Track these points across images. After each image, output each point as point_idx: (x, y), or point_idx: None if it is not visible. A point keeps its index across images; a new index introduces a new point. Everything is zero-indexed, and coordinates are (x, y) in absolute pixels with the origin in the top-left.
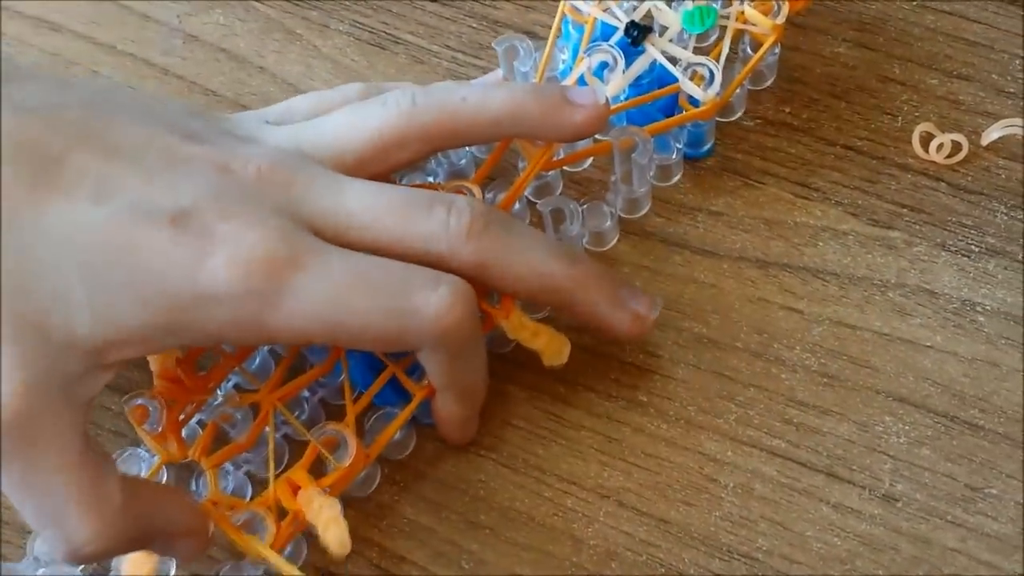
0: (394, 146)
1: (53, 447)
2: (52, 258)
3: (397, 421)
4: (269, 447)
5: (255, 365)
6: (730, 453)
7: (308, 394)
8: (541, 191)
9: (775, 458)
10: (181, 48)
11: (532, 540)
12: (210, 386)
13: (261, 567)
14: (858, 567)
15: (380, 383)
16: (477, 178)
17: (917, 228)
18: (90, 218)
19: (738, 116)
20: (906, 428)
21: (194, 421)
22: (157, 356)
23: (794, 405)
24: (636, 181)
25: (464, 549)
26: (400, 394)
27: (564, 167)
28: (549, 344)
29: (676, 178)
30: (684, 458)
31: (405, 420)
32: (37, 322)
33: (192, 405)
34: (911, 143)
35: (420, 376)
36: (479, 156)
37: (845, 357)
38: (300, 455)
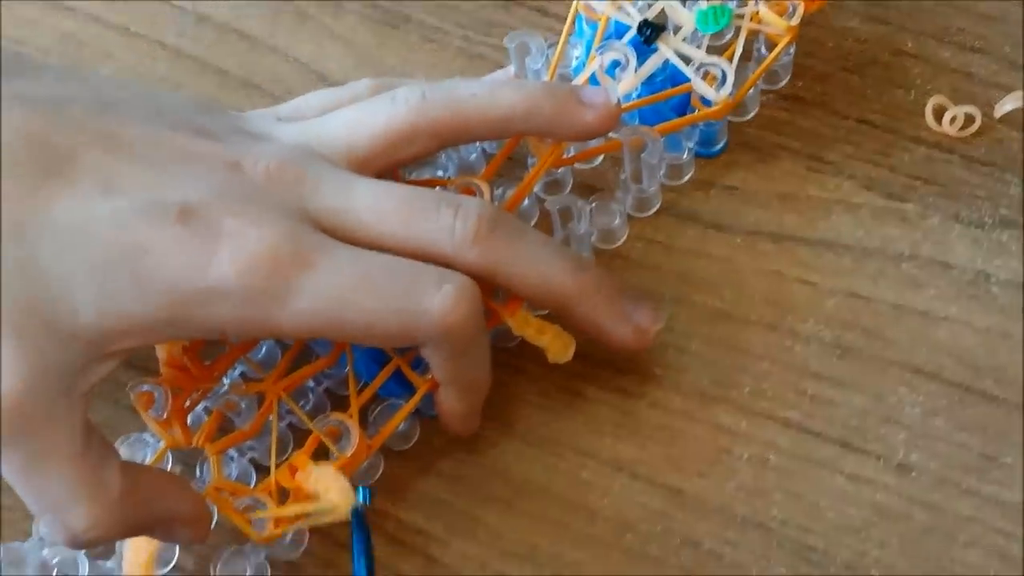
0: (403, 141)
1: (54, 436)
2: (58, 250)
3: (401, 413)
4: (272, 436)
5: (261, 355)
6: (744, 425)
7: (313, 384)
8: (551, 188)
9: (789, 429)
10: (192, 29)
11: (548, 512)
12: (216, 374)
13: (263, 551)
14: (872, 536)
15: (384, 375)
16: (486, 174)
17: (930, 200)
18: (97, 212)
19: (751, 116)
20: (920, 399)
21: (200, 408)
22: (164, 344)
23: (808, 377)
24: (646, 180)
25: (480, 521)
26: (404, 386)
27: (574, 164)
28: (554, 341)
29: (687, 177)
30: (698, 430)
31: (409, 412)
32: (40, 313)
33: (198, 393)
34: (924, 116)
35: (424, 369)
36: (489, 151)
37: (859, 329)
38: (303, 444)
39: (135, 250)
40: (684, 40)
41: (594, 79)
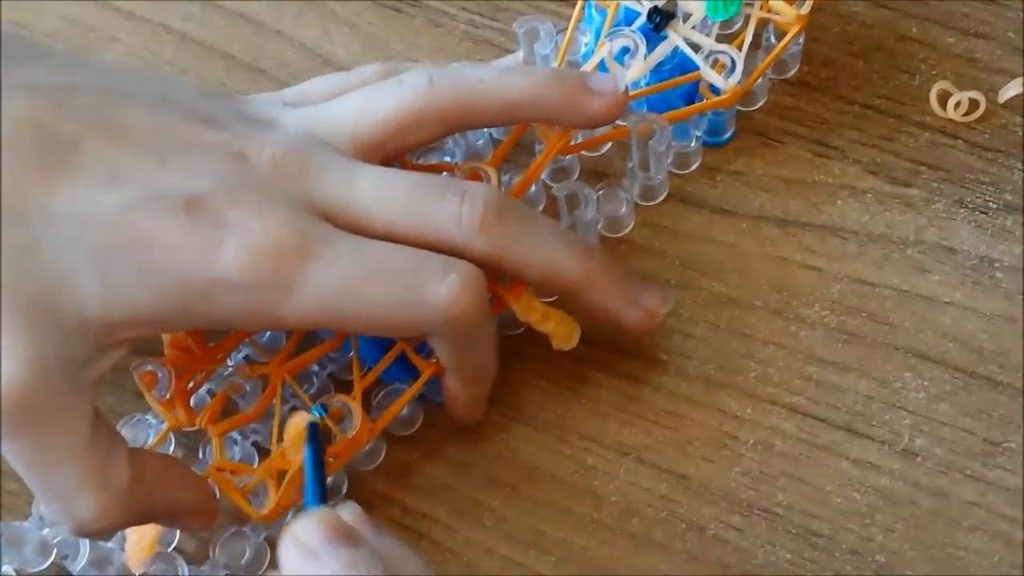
0: (410, 127)
1: (61, 428)
2: (63, 240)
3: (404, 397)
4: (275, 419)
5: (265, 338)
6: (750, 410)
7: (317, 368)
8: (558, 175)
9: (794, 414)
10: (199, 13)
11: (553, 497)
12: (220, 356)
13: (263, 531)
14: (877, 521)
15: (389, 360)
16: (494, 160)
17: (935, 185)
18: (102, 202)
19: (759, 105)
20: (925, 384)
21: (203, 391)
22: None
23: (813, 362)
24: (653, 168)
25: (486, 506)
26: (408, 371)
27: (581, 151)
28: (558, 328)
29: (695, 166)
30: (704, 415)
31: (412, 396)
32: (45, 303)
33: (201, 374)
34: (929, 101)
35: (428, 353)
36: (497, 137)
37: (864, 314)
38: None
39: (140, 241)
40: (694, 28)
41: (603, 66)
